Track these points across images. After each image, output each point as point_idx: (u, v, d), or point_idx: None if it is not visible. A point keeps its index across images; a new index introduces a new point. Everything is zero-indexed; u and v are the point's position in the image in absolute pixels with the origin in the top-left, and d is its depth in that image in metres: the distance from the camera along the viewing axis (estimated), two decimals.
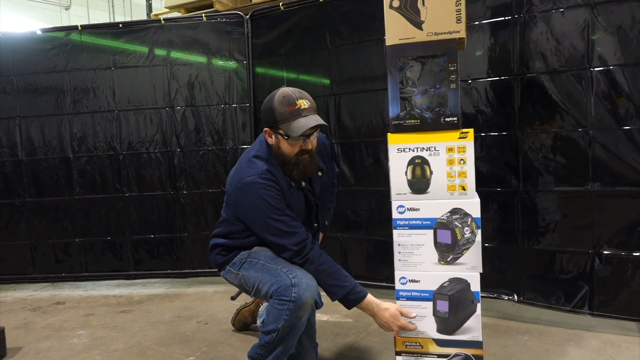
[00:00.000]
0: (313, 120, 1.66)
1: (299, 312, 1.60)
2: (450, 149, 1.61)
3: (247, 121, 3.26)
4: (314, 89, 2.79)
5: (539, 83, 2.29)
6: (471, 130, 1.59)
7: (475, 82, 2.46)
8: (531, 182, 2.37)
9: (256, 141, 1.85)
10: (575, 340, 2.21)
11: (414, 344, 1.70)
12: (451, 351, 1.67)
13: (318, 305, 1.75)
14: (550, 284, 2.37)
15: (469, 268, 1.63)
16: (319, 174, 1.86)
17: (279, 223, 1.67)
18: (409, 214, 1.65)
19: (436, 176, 1.62)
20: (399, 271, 1.69)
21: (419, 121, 1.62)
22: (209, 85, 3.27)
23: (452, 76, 1.58)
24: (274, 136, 1.73)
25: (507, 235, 2.46)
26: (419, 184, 1.64)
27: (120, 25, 3.32)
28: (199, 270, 3.32)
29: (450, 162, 1.61)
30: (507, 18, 2.35)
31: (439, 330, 1.67)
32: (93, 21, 10.00)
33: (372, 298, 1.68)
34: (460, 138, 1.59)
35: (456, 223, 1.62)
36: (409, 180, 1.64)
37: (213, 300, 3.05)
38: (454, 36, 1.56)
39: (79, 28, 3.29)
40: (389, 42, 1.62)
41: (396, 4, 1.59)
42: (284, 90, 1.70)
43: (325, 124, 1.71)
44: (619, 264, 2.19)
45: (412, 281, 1.68)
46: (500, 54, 2.40)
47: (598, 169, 2.19)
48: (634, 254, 2.15)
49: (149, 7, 7.10)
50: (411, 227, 1.66)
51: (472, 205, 1.61)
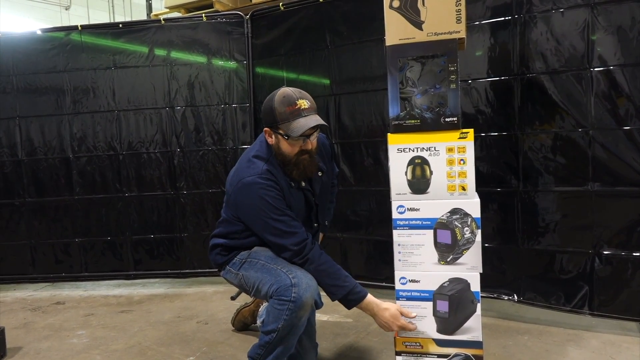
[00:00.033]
0: (313, 121, 1.66)
1: (299, 312, 1.60)
2: (450, 149, 1.61)
3: (247, 121, 3.27)
4: (314, 89, 2.79)
5: (539, 83, 2.29)
6: (471, 131, 1.59)
7: (475, 82, 2.46)
8: (531, 182, 2.37)
9: (256, 141, 1.85)
10: (575, 340, 2.21)
11: (414, 344, 1.70)
12: (451, 351, 1.67)
13: (318, 305, 1.75)
14: (550, 284, 2.37)
15: (469, 268, 1.63)
16: (319, 174, 1.86)
17: (279, 223, 1.67)
18: (409, 214, 1.66)
19: (436, 176, 1.62)
20: (399, 271, 1.69)
21: (419, 121, 1.62)
22: (209, 86, 3.27)
23: (452, 76, 1.58)
24: (274, 136, 1.73)
25: (507, 235, 2.46)
26: (419, 184, 1.64)
27: (120, 26, 3.32)
28: (199, 270, 3.32)
29: (450, 162, 1.61)
30: (507, 18, 2.35)
31: (439, 330, 1.67)
32: (93, 21, 10.00)
33: (372, 298, 1.69)
34: (460, 138, 1.59)
35: (456, 223, 1.62)
36: (409, 181, 1.64)
37: (213, 300, 3.05)
38: (454, 36, 1.56)
39: (79, 28, 3.29)
40: (389, 42, 1.62)
41: (396, 4, 1.59)
42: (284, 90, 1.70)
43: (325, 124, 1.71)
44: (619, 264, 2.19)
45: (412, 281, 1.68)
46: (500, 54, 2.40)
47: (598, 169, 2.20)
48: (634, 254, 2.15)
49: (149, 7, 7.10)
50: (411, 227, 1.66)
51: (472, 205, 1.61)
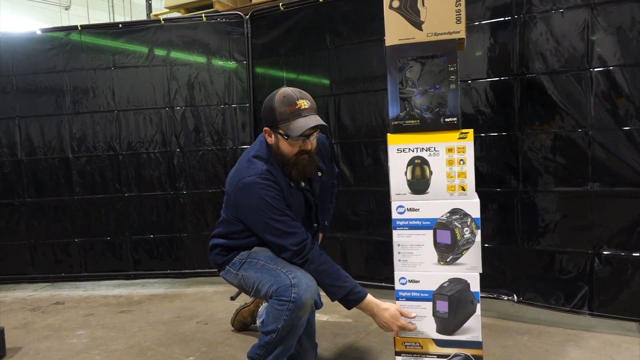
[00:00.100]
0: (313, 121, 1.66)
1: (299, 313, 1.60)
2: (450, 150, 1.61)
3: (247, 121, 3.26)
4: (313, 89, 2.79)
5: (538, 83, 2.29)
6: (471, 131, 1.59)
7: (475, 83, 2.46)
8: (531, 183, 2.37)
9: (256, 141, 1.85)
10: (575, 340, 2.21)
11: (414, 344, 1.70)
12: (451, 351, 1.67)
13: (318, 305, 1.75)
14: (550, 284, 2.37)
15: (468, 268, 1.63)
16: (319, 174, 1.86)
17: (278, 223, 1.67)
18: (408, 214, 1.65)
19: (436, 176, 1.62)
20: (398, 271, 1.69)
21: (418, 121, 1.62)
22: (209, 86, 3.27)
23: (451, 76, 1.58)
24: (273, 136, 1.73)
25: (506, 236, 2.46)
26: (419, 184, 1.64)
27: (120, 26, 3.32)
28: (198, 271, 3.32)
29: (450, 162, 1.61)
30: (507, 18, 2.35)
31: (439, 331, 1.67)
32: (93, 21, 10.00)
33: (371, 298, 1.69)
34: (460, 138, 1.59)
35: (456, 223, 1.62)
36: (408, 181, 1.64)
37: (213, 300, 3.05)
38: (453, 36, 1.56)
39: (79, 28, 3.29)
40: (389, 43, 1.62)
41: (396, 4, 1.59)
42: (284, 90, 1.70)
43: (325, 124, 1.71)
44: (618, 264, 2.19)
45: (411, 281, 1.68)
46: (500, 54, 2.40)
47: (598, 169, 2.20)
48: (634, 254, 2.15)
49: (149, 7, 7.11)
50: (411, 227, 1.66)
51: (472, 205, 1.61)
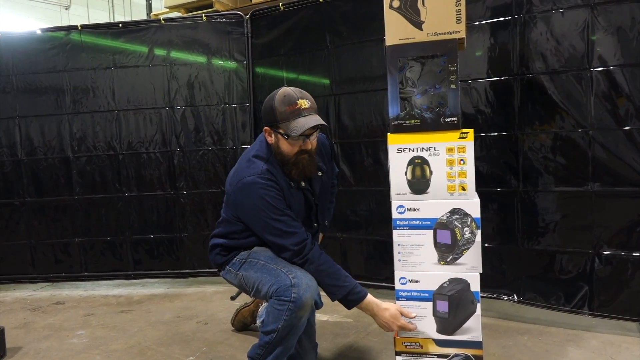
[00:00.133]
0: (313, 120, 1.66)
1: (299, 313, 1.60)
2: (450, 149, 1.61)
3: (247, 121, 3.26)
4: (313, 89, 2.78)
5: (538, 83, 2.29)
6: (471, 131, 1.59)
7: (475, 83, 2.46)
8: (531, 182, 2.37)
9: (256, 141, 1.85)
10: (575, 340, 2.21)
11: (414, 344, 1.70)
12: (451, 351, 1.67)
13: (318, 305, 1.75)
14: (550, 284, 2.37)
15: (468, 268, 1.63)
16: (319, 174, 1.86)
17: (278, 223, 1.67)
18: (408, 214, 1.65)
19: (436, 176, 1.62)
20: (398, 271, 1.69)
21: (418, 121, 1.62)
22: (209, 85, 3.27)
23: (452, 76, 1.58)
24: (273, 135, 1.73)
25: (507, 236, 2.46)
26: (419, 184, 1.64)
27: (120, 25, 3.32)
28: (198, 270, 3.32)
29: (450, 162, 1.61)
30: (507, 18, 2.35)
31: (439, 331, 1.67)
32: (93, 21, 10.00)
33: (372, 298, 1.69)
34: (460, 138, 1.59)
35: (456, 223, 1.62)
36: (408, 181, 1.64)
37: (213, 300, 3.05)
38: (453, 36, 1.56)
39: (79, 28, 3.29)
40: (389, 42, 1.62)
41: (396, 4, 1.59)
42: (285, 90, 1.70)
43: (325, 124, 1.71)
44: (618, 264, 2.19)
45: (411, 281, 1.68)
46: (500, 54, 2.40)
47: (598, 169, 2.19)
48: (634, 254, 2.15)
49: (149, 7, 7.11)
50: (411, 227, 1.66)
51: (472, 205, 1.61)
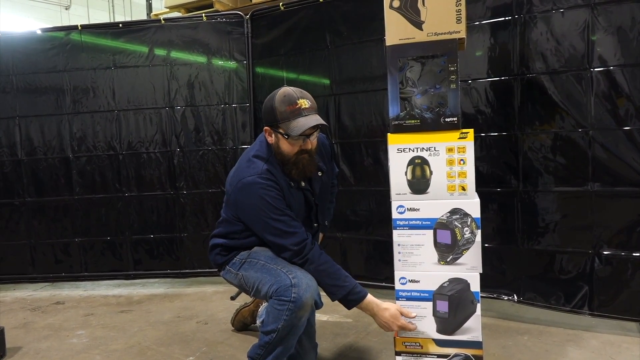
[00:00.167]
0: (313, 120, 1.66)
1: (299, 313, 1.60)
2: (450, 149, 1.61)
3: (247, 121, 3.26)
4: (313, 89, 2.78)
5: (538, 83, 2.29)
6: (471, 131, 1.59)
7: (475, 83, 2.46)
8: (531, 183, 2.37)
9: (256, 141, 1.85)
10: (575, 340, 2.21)
11: (414, 344, 1.70)
12: (451, 351, 1.67)
13: (318, 305, 1.75)
14: (550, 284, 2.37)
15: (468, 268, 1.63)
16: (319, 174, 1.86)
17: (278, 223, 1.67)
18: (408, 214, 1.65)
19: (436, 176, 1.62)
20: (398, 271, 1.69)
21: (419, 121, 1.62)
22: (209, 85, 3.27)
23: (452, 76, 1.58)
24: (273, 135, 1.73)
25: (507, 236, 2.46)
26: (419, 184, 1.64)
27: (120, 25, 3.32)
28: (198, 270, 3.32)
29: (450, 162, 1.61)
30: (507, 18, 2.35)
31: (439, 331, 1.67)
32: (93, 21, 10.01)
33: (372, 298, 1.69)
34: (460, 138, 1.59)
35: (456, 223, 1.62)
36: (408, 181, 1.64)
37: (213, 300, 3.05)
38: (454, 36, 1.56)
39: (79, 28, 3.29)
40: (389, 42, 1.62)
41: (396, 4, 1.59)
42: (285, 90, 1.70)
43: (325, 123, 1.71)
44: (618, 264, 2.19)
45: (411, 281, 1.68)
46: (500, 54, 2.40)
47: (598, 169, 2.19)
48: (634, 254, 2.15)
49: (149, 7, 7.10)
50: (411, 227, 1.66)
51: (472, 205, 1.61)
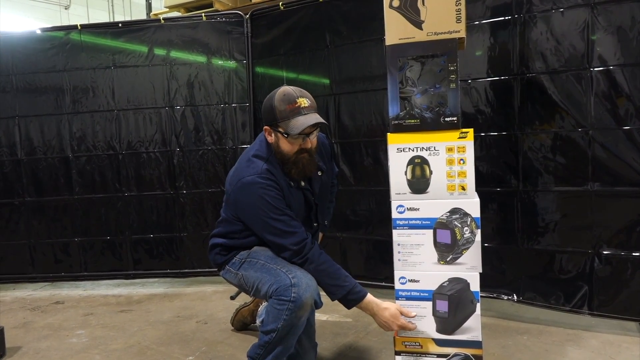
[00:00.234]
0: (312, 119, 1.66)
1: (299, 312, 1.60)
2: (450, 149, 1.60)
3: (247, 121, 3.26)
4: (313, 89, 2.79)
5: (538, 83, 2.29)
6: (471, 130, 1.59)
7: (475, 82, 2.45)
8: (531, 182, 2.37)
9: (256, 140, 1.84)
10: (575, 340, 2.21)
11: (414, 343, 1.70)
12: (450, 351, 1.67)
13: (318, 305, 1.75)
14: (549, 284, 2.37)
15: (468, 268, 1.63)
16: (319, 173, 1.86)
17: (278, 223, 1.67)
18: (408, 214, 1.65)
19: (436, 176, 1.62)
20: (398, 271, 1.69)
21: (418, 121, 1.62)
22: (209, 85, 3.27)
23: (451, 76, 1.58)
24: (273, 134, 1.73)
25: (506, 235, 2.46)
26: (419, 183, 1.64)
27: (120, 25, 3.32)
28: (198, 270, 3.31)
29: (450, 162, 1.61)
30: (507, 18, 2.35)
31: (439, 330, 1.67)
32: (93, 21, 10.01)
33: (371, 298, 1.68)
34: (460, 138, 1.59)
35: (456, 223, 1.62)
36: (408, 180, 1.64)
37: (212, 299, 3.05)
38: (453, 36, 1.56)
39: (79, 27, 3.29)
40: (389, 42, 1.62)
41: (396, 3, 1.59)
42: (284, 89, 1.70)
43: (324, 122, 1.70)
44: (618, 264, 2.19)
45: (411, 281, 1.68)
46: (500, 54, 2.40)
47: (598, 169, 2.19)
48: (634, 254, 2.15)
49: (149, 7, 7.12)
50: (411, 227, 1.65)
51: (472, 205, 1.61)
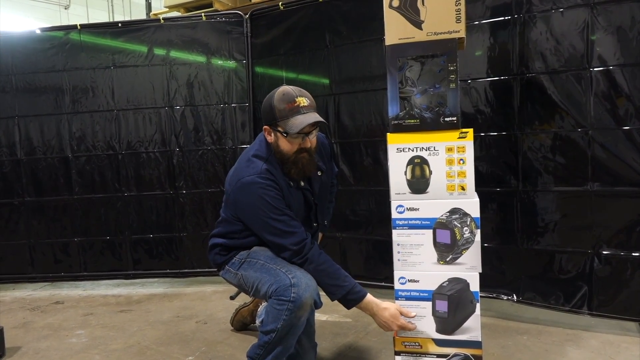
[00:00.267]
0: (312, 118, 1.66)
1: (298, 312, 1.60)
2: (450, 149, 1.60)
3: (247, 121, 3.26)
4: (313, 89, 2.78)
5: (538, 83, 2.29)
6: (470, 130, 1.59)
7: (475, 82, 2.45)
8: (530, 182, 2.37)
9: (255, 140, 1.84)
10: (575, 340, 2.21)
11: (413, 343, 1.70)
12: (450, 351, 1.67)
13: (317, 305, 1.75)
14: (549, 284, 2.37)
15: (468, 268, 1.63)
16: (319, 173, 1.86)
17: (278, 223, 1.67)
18: (408, 214, 1.65)
19: (435, 176, 1.62)
20: (398, 271, 1.69)
21: (418, 121, 1.62)
22: (208, 85, 3.27)
23: (451, 76, 1.58)
24: (272, 134, 1.73)
25: (506, 235, 2.46)
26: (419, 183, 1.64)
27: (120, 25, 3.31)
28: (198, 270, 3.31)
29: (450, 162, 1.61)
30: (506, 18, 2.35)
31: (438, 330, 1.67)
32: (92, 20, 10.00)
33: (371, 298, 1.68)
34: (459, 138, 1.59)
35: (455, 223, 1.62)
36: (408, 180, 1.64)
37: (212, 300, 3.05)
38: (453, 36, 1.56)
39: (78, 27, 3.28)
40: (389, 42, 1.62)
41: (396, 3, 1.59)
42: (284, 88, 1.70)
43: (323, 121, 1.70)
44: (618, 264, 2.19)
45: (411, 281, 1.68)
46: (500, 54, 2.40)
47: (597, 169, 2.19)
48: (633, 254, 2.15)
49: (148, 7, 7.12)
50: (410, 227, 1.66)
51: (472, 205, 1.61)
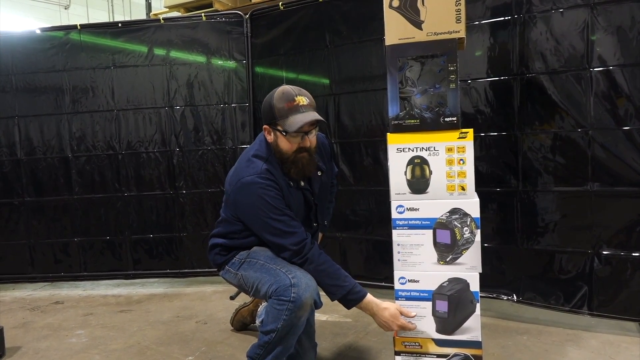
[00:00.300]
0: (311, 116, 1.66)
1: (298, 312, 1.60)
2: (450, 149, 1.60)
3: (247, 121, 3.26)
4: (313, 89, 2.78)
5: (538, 83, 2.29)
6: (471, 130, 1.59)
7: (475, 82, 2.46)
8: (530, 182, 2.37)
9: (255, 140, 1.84)
10: (575, 340, 2.21)
11: (413, 343, 1.70)
12: (450, 351, 1.67)
13: (317, 305, 1.75)
14: (549, 284, 2.37)
15: (468, 268, 1.63)
16: (319, 173, 1.86)
17: (278, 223, 1.67)
18: (408, 214, 1.65)
19: (435, 176, 1.62)
20: (398, 271, 1.69)
21: (418, 121, 1.62)
22: (209, 85, 3.27)
23: (451, 76, 1.58)
24: (272, 133, 1.73)
25: (506, 235, 2.46)
26: (419, 183, 1.64)
27: (120, 25, 3.31)
28: (198, 270, 3.31)
29: (450, 162, 1.61)
30: (506, 18, 2.35)
31: (438, 330, 1.67)
32: (92, 20, 10.00)
33: (371, 298, 1.68)
34: (459, 138, 1.59)
35: (455, 223, 1.62)
36: (408, 180, 1.64)
37: (212, 300, 3.05)
38: (453, 36, 1.56)
39: (78, 27, 3.28)
40: (389, 42, 1.62)
41: (396, 3, 1.59)
42: (283, 88, 1.70)
43: (323, 120, 1.70)
44: (618, 264, 2.19)
45: (411, 281, 1.68)
46: (500, 54, 2.40)
47: (597, 169, 2.20)
48: (633, 254, 2.15)
49: (149, 7, 7.12)
50: (410, 227, 1.66)
51: (472, 205, 1.61)
